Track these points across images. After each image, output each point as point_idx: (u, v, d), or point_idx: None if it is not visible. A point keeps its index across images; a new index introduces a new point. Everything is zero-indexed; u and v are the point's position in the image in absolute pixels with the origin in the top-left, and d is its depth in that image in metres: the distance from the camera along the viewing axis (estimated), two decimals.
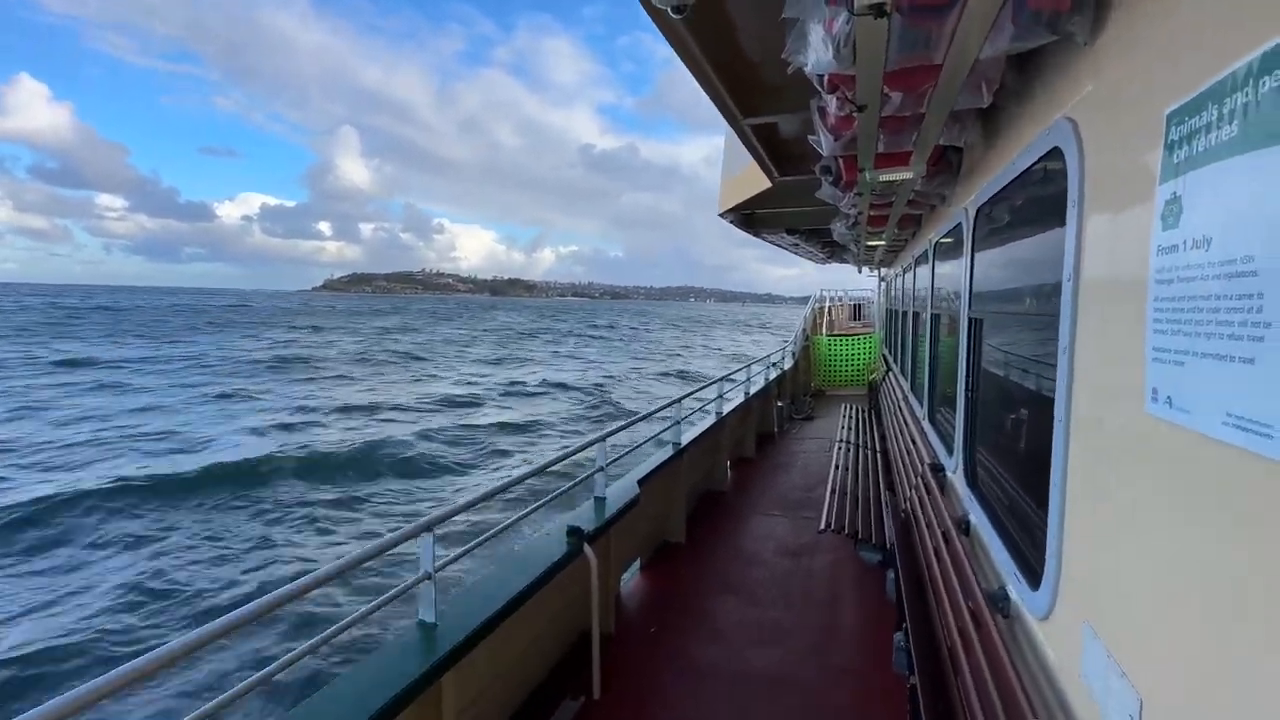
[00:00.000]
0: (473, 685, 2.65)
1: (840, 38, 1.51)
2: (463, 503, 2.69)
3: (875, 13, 1.29)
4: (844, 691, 3.22)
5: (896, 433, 5.72)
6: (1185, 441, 0.95)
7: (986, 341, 2.65)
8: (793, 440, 9.34)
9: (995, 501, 2.38)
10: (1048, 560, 1.56)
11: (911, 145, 2.53)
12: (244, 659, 6.63)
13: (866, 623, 3.91)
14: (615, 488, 4.13)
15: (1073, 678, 1.39)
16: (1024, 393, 2.08)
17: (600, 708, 3.12)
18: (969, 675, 1.81)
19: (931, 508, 3.08)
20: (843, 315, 18.40)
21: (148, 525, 9.81)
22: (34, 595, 7.69)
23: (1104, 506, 1.28)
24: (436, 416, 19.35)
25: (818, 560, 4.87)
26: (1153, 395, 1.04)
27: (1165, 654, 1.02)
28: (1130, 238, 1.15)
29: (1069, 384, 1.47)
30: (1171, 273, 0.98)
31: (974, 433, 2.79)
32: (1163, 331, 1.01)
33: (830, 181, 3.34)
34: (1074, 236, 1.43)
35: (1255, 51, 0.79)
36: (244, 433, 16.15)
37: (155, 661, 1.47)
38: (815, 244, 10.17)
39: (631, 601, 4.26)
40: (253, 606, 1.74)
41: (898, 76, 1.79)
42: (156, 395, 21.88)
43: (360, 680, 2.12)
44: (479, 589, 2.78)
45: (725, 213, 7.07)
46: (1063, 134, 1.51)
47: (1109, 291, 1.27)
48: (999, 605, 1.91)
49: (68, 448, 14.16)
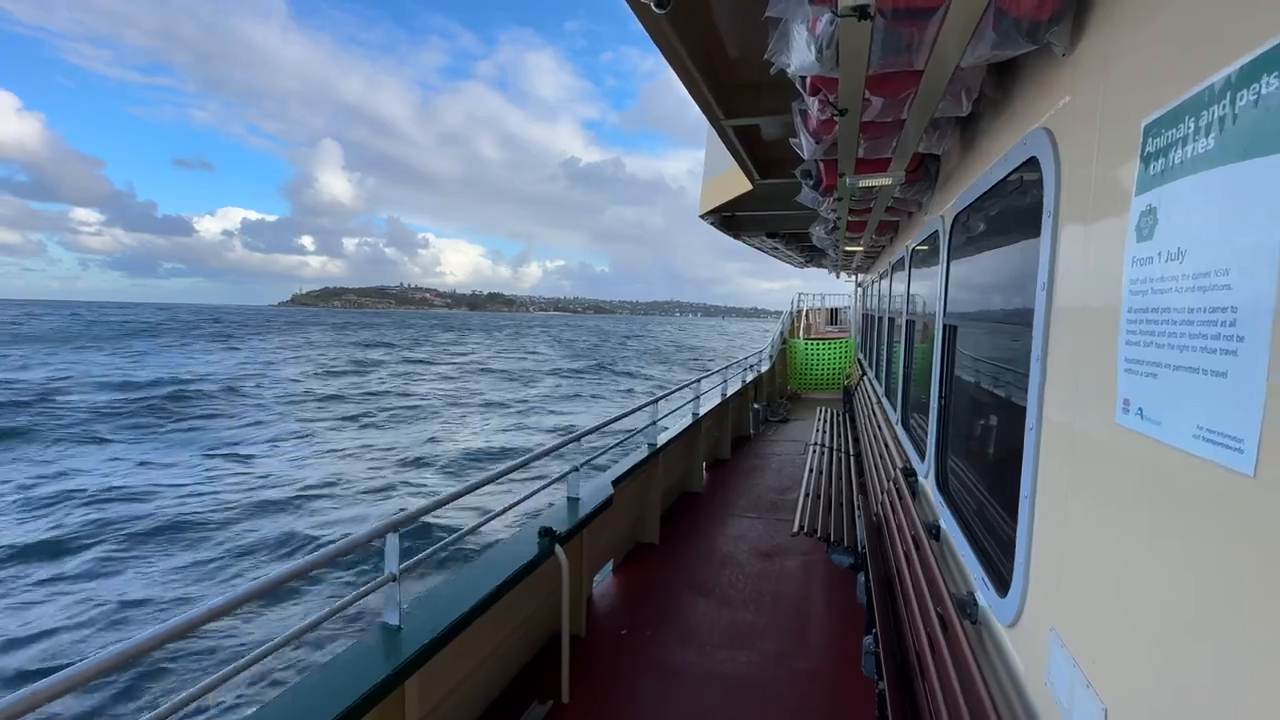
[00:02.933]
0: (438, 689, 2.59)
1: (824, 39, 1.49)
2: (429, 503, 2.63)
3: (859, 14, 1.28)
4: (814, 694, 3.22)
5: (870, 437, 5.78)
6: (1156, 453, 0.95)
7: (960, 348, 2.68)
8: (768, 442, 9.39)
9: (965, 507, 2.41)
10: (1016, 567, 1.57)
11: (891, 152, 2.54)
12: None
13: (837, 626, 3.93)
14: (589, 488, 4.09)
15: (1039, 685, 1.40)
16: (996, 400, 2.10)
17: (569, 711, 3.08)
18: (936, 681, 1.82)
19: (903, 512, 3.10)
20: (820, 320, 18.63)
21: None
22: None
23: (1073, 516, 1.29)
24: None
25: (790, 563, 4.90)
26: (1124, 406, 1.04)
27: (1131, 665, 1.02)
28: (1105, 249, 1.16)
29: (1040, 393, 1.47)
30: (1145, 284, 0.98)
31: (946, 439, 2.82)
32: (1135, 343, 1.01)
33: (811, 185, 3.35)
34: (1049, 246, 1.44)
35: (1232, 65, 0.79)
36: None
37: (96, 666, 1.39)
38: (795, 248, 10.26)
39: (604, 603, 4.22)
40: (206, 608, 1.66)
41: (879, 81, 1.79)
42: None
43: (320, 685, 2.05)
44: (446, 590, 2.72)
45: (706, 214, 7.07)
46: (1039, 144, 1.52)
47: (1082, 302, 1.28)
48: (967, 611, 1.92)
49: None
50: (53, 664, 6.36)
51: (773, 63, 1.87)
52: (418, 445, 17.14)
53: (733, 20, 2.44)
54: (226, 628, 6.97)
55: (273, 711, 1.92)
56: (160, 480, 12.98)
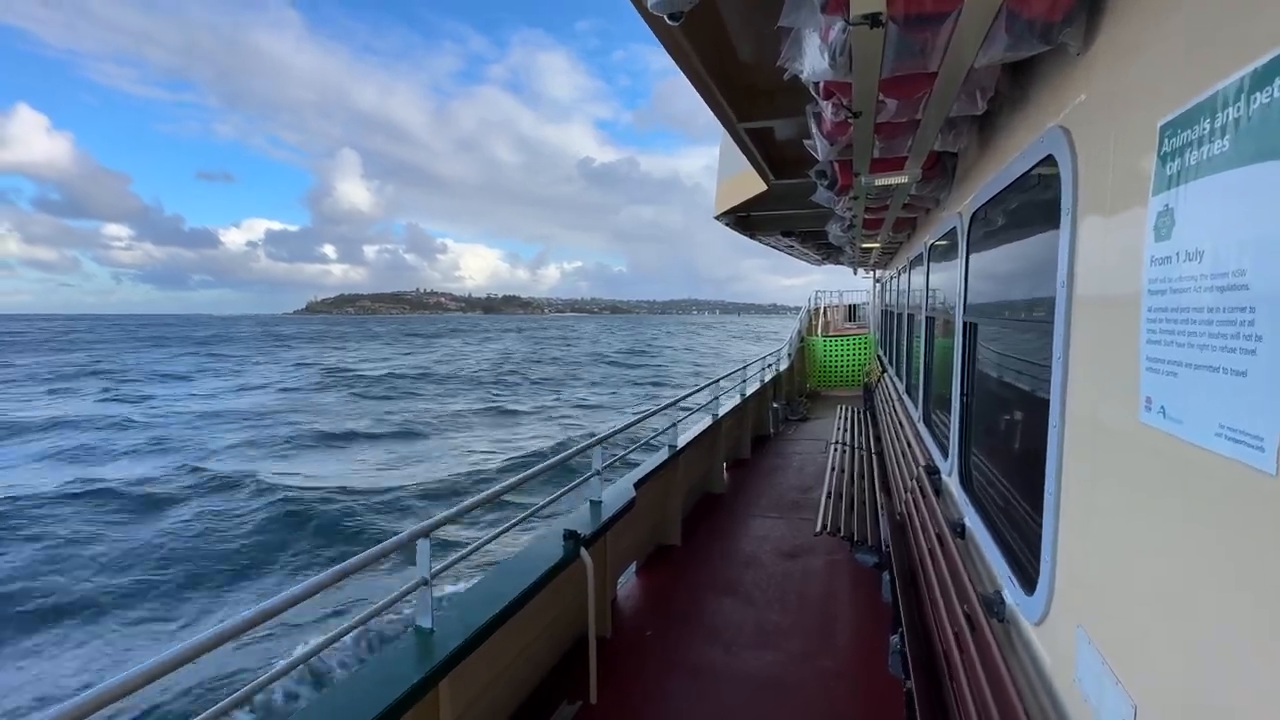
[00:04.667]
0: (470, 690, 2.64)
1: (836, 46, 1.51)
2: (458, 509, 2.68)
3: (871, 22, 1.30)
4: (841, 694, 3.22)
5: (892, 435, 5.73)
6: (1179, 451, 0.96)
7: (981, 345, 2.66)
8: (788, 441, 9.35)
9: (990, 505, 2.39)
10: (1042, 565, 1.57)
11: (907, 151, 2.54)
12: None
13: (863, 625, 3.92)
14: (611, 491, 4.13)
15: (1067, 683, 1.40)
16: (1019, 397, 2.09)
17: (597, 711, 3.12)
18: (964, 679, 1.82)
19: (926, 510, 3.09)
20: (838, 316, 18.46)
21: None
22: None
23: (1099, 512, 1.29)
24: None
25: (814, 562, 4.88)
26: (1147, 404, 1.04)
27: (1160, 661, 1.03)
28: (1124, 247, 1.16)
29: (1063, 389, 1.47)
30: (1165, 284, 0.99)
31: (969, 436, 2.80)
32: (1156, 342, 1.02)
33: (826, 186, 3.35)
34: (1067, 243, 1.44)
35: (1248, 66, 0.80)
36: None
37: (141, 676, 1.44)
38: (811, 245, 10.19)
39: (628, 605, 4.26)
40: (247, 616, 1.72)
41: (893, 84, 1.80)
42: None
43: (357, 687, 2.11)
44: (476, 594, 2.78)
45: (721, 215, 7.08)
46: (1056, 142, 1.52)
47: (1103, 299, 1.28)
48: (994, 609, 1.91)
49: None
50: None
51: (786, 69, 1.89)
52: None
53: (745, 28, 2.46)
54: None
55: (314, 711, 1.99)
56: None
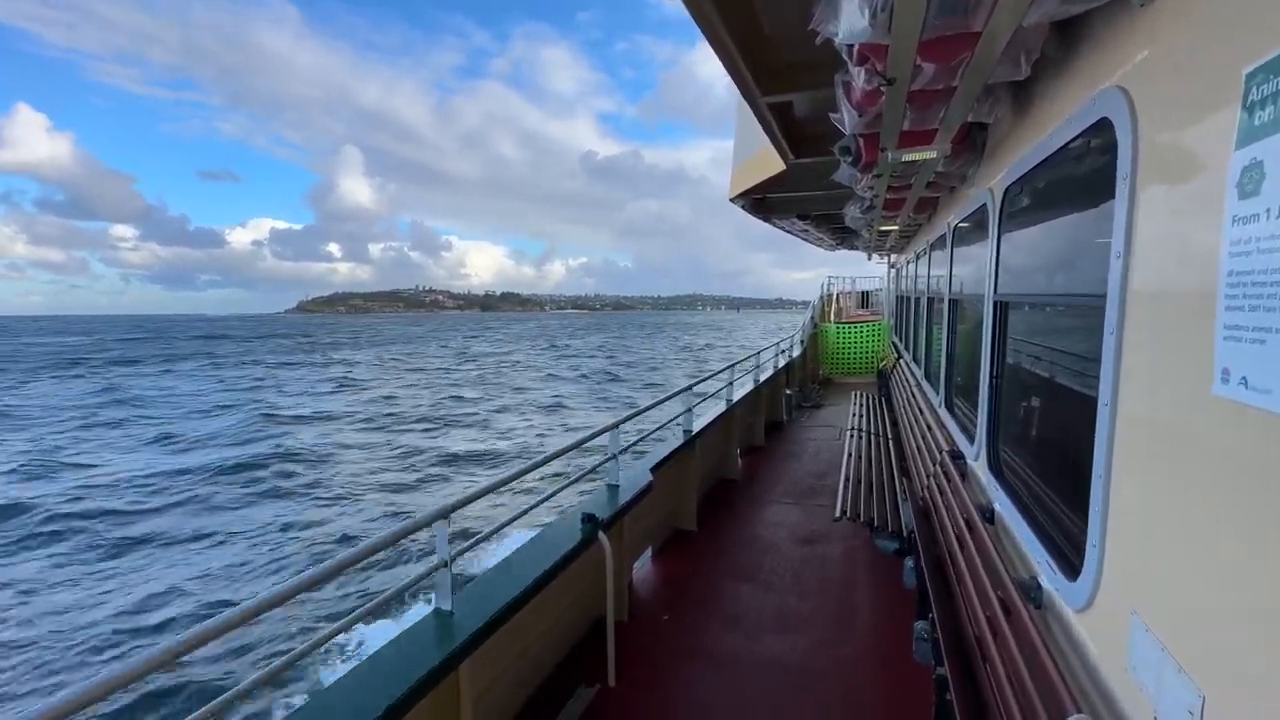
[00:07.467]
0: (489, 672, 2.63)
1: (878, 3, 1.43)
2: (477, 490, 2.66)
3: None
4: (864, 680, 3.19)
5: (910, 420, 5.65)
6: (1263, 423, 0.89)
7: (1014, 326, 2.58)
8: (802, 428, 9.28)
9: (1023, 490, 2.33)
10: (1088, 550, 1.50)
11: (939, 122, 2.44)
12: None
13: (884, 612, 3.88)
14: (628, 475, 4.09)
15: (1117, 670, 1.34)
16: (1058, 377, 2.01)
17: (615, 694, 3.11)
18: (1000, 666, 1.77)
19: (952, 495, 3.02)
20: (851, 303, 18.28)
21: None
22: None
23: (1157, 494, 1.22)
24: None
25: (832, 548, 4.84)
26: (1224, 376, 0.97)
27: (1230, 649, 0.97)
28: (1198, 209, 1.08)
29: (1116, 367, 1.40)
30: (1250, 244, 0.92)
31: (998, 420, 2.73)
32: (1238, 308, 0.94)
33: (849, 162, 3.25)
34: (1125, 211, 1.36)
35: None
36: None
37: (163, 655, 1.43)
38: (825, 229, 10.05)
39: (644, 589, 4.24)
40: (265, 597, 1.70)
41: (932, 46, 1.71)
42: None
43: (379, 669, 2.09)
44: (495, 576, 2.76)
45: (736, 197, 6.97)
46: (1112, 104, 1.43)
47: (1167, 270, 1.20)
48: (1030, 595, 1.86)
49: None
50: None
51: (818, 33, 1.80)
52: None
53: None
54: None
55: (336, 692, 1.98)
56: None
